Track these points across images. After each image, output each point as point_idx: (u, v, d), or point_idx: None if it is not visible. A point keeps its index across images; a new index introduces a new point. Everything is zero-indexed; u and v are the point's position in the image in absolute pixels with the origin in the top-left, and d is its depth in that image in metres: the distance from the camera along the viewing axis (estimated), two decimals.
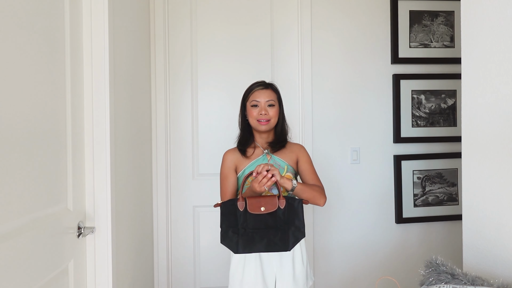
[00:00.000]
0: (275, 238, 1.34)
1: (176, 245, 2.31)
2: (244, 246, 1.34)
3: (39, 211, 1.07)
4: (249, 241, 1.34)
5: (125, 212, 1.69)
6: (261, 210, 1.35)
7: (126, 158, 1.70)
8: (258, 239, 1.34)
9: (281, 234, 1.35)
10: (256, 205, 1.35)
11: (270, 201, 1.36)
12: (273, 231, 1.35)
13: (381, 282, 2.38)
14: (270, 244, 1.34)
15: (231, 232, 1.35)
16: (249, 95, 1.55)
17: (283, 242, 1.35)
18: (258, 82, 1.58)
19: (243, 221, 1.35)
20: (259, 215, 1.35)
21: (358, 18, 2.39)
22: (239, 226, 1.35)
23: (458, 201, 2.46)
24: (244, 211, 1.35)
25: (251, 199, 1.37)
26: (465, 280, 1.20)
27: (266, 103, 1.52)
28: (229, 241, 1.35)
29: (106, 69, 1.40)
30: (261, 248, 1.34)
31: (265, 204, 1.35)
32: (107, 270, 1.41)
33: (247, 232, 1.34)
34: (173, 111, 2.29)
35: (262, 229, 1.35)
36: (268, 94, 1.53)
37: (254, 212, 1.35)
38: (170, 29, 2.28)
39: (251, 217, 1.35)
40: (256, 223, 1.35)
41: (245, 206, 1.36)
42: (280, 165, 1.54)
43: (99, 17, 1.39)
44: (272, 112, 1.53)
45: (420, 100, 2.42)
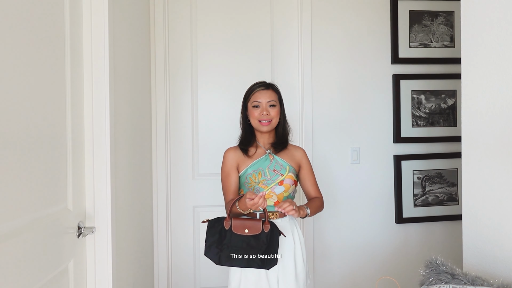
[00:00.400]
0: (256, 258, 1.39)
1: (176, 245, 2.31)
2: (225, 260, 1.41)
3: (39, 211, 1.07)
4: (230, 257, 1.41)
5: (125, 212, 1.69)
6: (245, 232, 1.42)
7: (126, 158, 1.70)
8: (239, 257, 1.40)
9: (262, 256, 1.40)
10: (240, 227, 1.42)
11: (254, 225, 1.42)
12: (254, 252, 1.40)
13: (381, 282, 2.38)
14: (250, 262, 1.40)
15: (215, 247, 1.42)
16: (250, 96, 1.56)
17: (262, 263, 1.40)
18: (259, 83, 1.59)
19: (228, 239, 1.42)
20: (242, 236, 1.41)
21: (358, 18, 2.39)
22: (223, 243, 1.42)
23: (458, 201, 2.46)
24: (230, 230, 1.42)
25: (237, 221, 1.44)
26: (465, 280, 1.20)
27: (267, 103, 1.53)
28: (212, 255, 1.43)
29: (106, 69, 1.40)
30: (241, 265, 1.41)
31: (249, 227, 1.42)
32: (107, 270, 1.41)
33: (229, 249, 1.41)
34: (173, 111, 2.29)
35: (244, 248, 1.40)
36: (269, 95, 1.54)
37: (238, 232, 1.42)
38: (170, 29, 2.28)
39: (234, 237, 1.42)
40: (239, 243, 1.41)
41: (231, 226, 1.43)
42: (283, 166, 1.56)
43: (99, 17, 1.39)
44: (273, 112, 1.54)
45: (420, 100, 2.42)
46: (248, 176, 1.54)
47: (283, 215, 1.52)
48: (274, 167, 1.55)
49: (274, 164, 1.56)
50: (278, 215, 1.52)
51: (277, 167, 1.55)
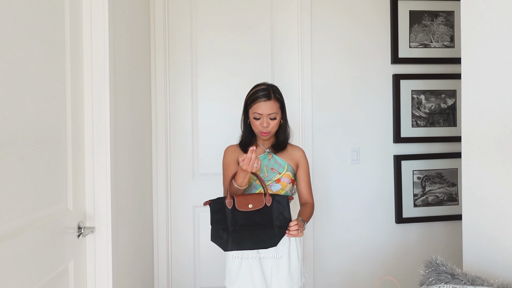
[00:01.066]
0: (263, 235, 1.40)
1: (176, 245, 2.31)
2: (233, 243, 1.39)
3: (39, 211, 1.07)
4: (238, 238, 1.39)
5: (125, 212, 1.69)
6: (249, 207, 1.40)
7: (126, 158, 1.70)
8: (247, 236, 1.40)
9: (269, 231, 1.41)
10: (243, 203, 1.40)
11: (257, 198, 1.42)
12: (261, 228, 1.41)
13: (381, 282, 2.38)
14: (259, 240, 1.40)
15: (221, 230, 1.40)
16: (252, 105, 1.54)
17: (270, 239, 1.41)
18: (261, 89, 1.55)
19: (232, 218, 1.40)
20: (247, 212, 1.40)
21: (358, 18, 2.39)
22: (228, 224, 1.40)
23: (458, 201, 2.46)
24: (233, 208, 1.40)
25: (239, 197, 1.42)
26: (465, 280, 1.20)
27: (268, 116, 1.53)
28: (219, 239, 1.40)
29: (106, 69, 1.40)
30: (250, 245, 1.40)
31: (252, 201, 1.41)
32: (107, 270, 1.41)
33: (236, 230, 1.39)
34: (173, 111, 2.29)
35: (250, 226, 1.40)
36: (271, 106, 1.52)
37: (242, 209, 1.40)
38: (170, 29, 2.28)
39: (239, 214, 1.40)
40: (245, 220, 1.40)
41: (233, 204, 1.41)
42: (281, 164, 1.59)
43: (99, 17, 1.39)
44: (272, 123, 1.55)
45: (420, 100, 2.42)
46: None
47: None
48: (272, 165, 1.58)
49: (272, 163, 1.59)
50: None
51: (275, 166, 1.58)
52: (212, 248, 2.32)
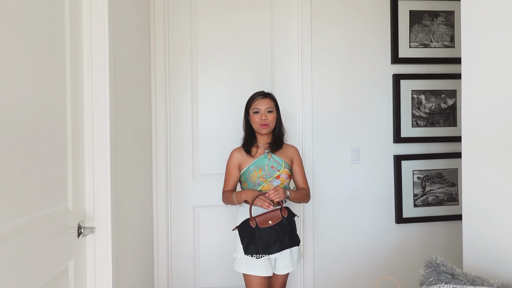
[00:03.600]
0: (285, 239, 1.70)
1: (176, 245, 2.31)
2: (263, 251, 1.68)
3: (39, 211, 1.07)
4: (265, 247, 1.68)
5: (125, 212, 1.69)
6: (269, 223, 1.68)
7: (126, 158, 1.70)
8: (272, 243, 1.68)
9: (289, 236, 1.71)
10: (264, 221, 1.68)
11: (274, 215, 1.69)
12: (282, 235, 1.69)
13: (381, 282, 2.38)
14: (282, 245, 1.69)
15: (252, 245, 1.68)
16: (252, 104, 1.83)
17: (292, 241, 1.72)
18: (258, 92, 1.85)
19: (258, 234, 1.68)
20: (269, 227, 1.68)
21: (358, 18, 2.39)
22: (256, 238, 1.68)
23: (458, 201, 2.46)
24: (256, 227, 1.68)
25: (259, 217, 1.69)
26: (465, 280, 1.20)
27: (265, 110, 1.79)
28: (251, 251, 1.69)
29: (106, 69, 1.40)
30: (276, 250, 1.69)
31: (271, 219, 1.69)
32: (107, 270, 1.41)
33: (262, 242, 1.67)
34: (173, 111, 2.29)
35: (273, 236, 1.68)
36: (267, 102, 1.80)
37: (263, 226, 1.68)
38: (170, 29, 2.28)
39: (262, 230, 1.68)
40: (268, 233, 1.68)
41: (256, 223, 1.68)
42: (279, 163, 1.81)
43: (99, 17, 1.39)
44: (270, 117, 1.80)
45: (420, 100, 2.42)
46: (250, 172, 1.79)
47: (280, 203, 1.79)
48: (272, 164, 1.80)
49: (272, 162, 1.81)
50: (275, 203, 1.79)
51: (275, 164, 1.80)
52: (212, 248, 2.32)
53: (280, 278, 1.83)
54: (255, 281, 1.73)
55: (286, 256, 1.77)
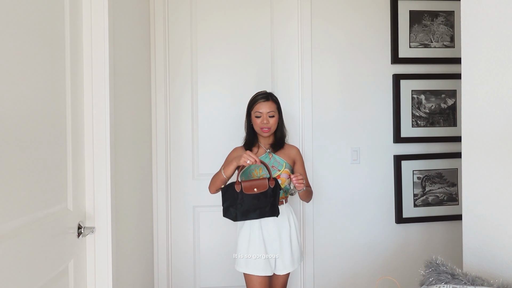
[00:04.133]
0: (266, 208, 1.67)
1: (176, 245, 2.31)
2: (241, 216, 1.67)
3: (39, 211, 1.07)
4: (245, 213, 1.67)
5: (125, 212, 1.69)
6: (254, 191, 1.66)
7: (126, 158, 1.70)
8: (252, 210, 1.67)
9: (271, 206, 1.68)
10: (249, 188, 1.67)
11: (261, 183, 1.67)
12: (264, 204, 1.67)
13: (381, 282, 2.38)
14: (262, 213, 1.67)
15: (232, 209, 1.68)
16: (254, 106, 1.81)
17: (273, 211, 1.68)
18: (260, 94, 1.83)
19: (240, 199, 1.67)
20: (252, 194, 1.66)
21: (358, 18, 2.39)
22: (237, 203, 1.67)
23: (458, 201, 2.46)
24: (241, 192, 1.67)
25: (246, 183, 1.67)
26: (465, 280, 1.20)
27: (267, 114, 1.78)
28: (229, 214, 1.69)
29: (106, 69, 1.40)
30: (254, 217, 1.67)
31: (257, 186, 1.67)
32: (107, 270, 1.41)
33: (243, 207, 1.67)
34: (173, 111, 2.29)
35: (255, 203, 1.66)
36: (269, 106, 1.79)
37: (248, 192, 1.66)
38: (170, 29, 2.28)
39: (246, 196, 1.67)
40: (250, 200, 1.67)
41: (241, 188, 1.67)
42: (280, 162, 1.80)
43: (99, 17, 1.39)
44: (272, 121, 1.80)
45: (420, 100, 2.42)
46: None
47: (280, 203, 1.79)
48: (272, 163, 1.79)
49: (272, 161, 1.80)
50: None
51: (275, 164, 1.80)
52: (212, 248, 2.32)
53: (281, 278, 1.82)
54: (255, 281, 1.73)
55: (287, 256, 1.76)
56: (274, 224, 1.76)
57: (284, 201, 1.81)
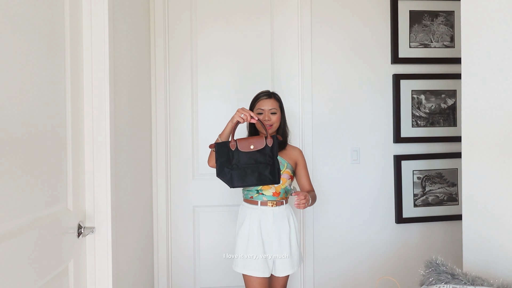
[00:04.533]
0: (265, 172, 1.55)
1: (176, 245, 2.31)
2: (238, 179, 1.55)
3: (39, 211, 1.07)
4: (241, 174, 1.54)
5: (125, 212, 1.69)
6: (251, 148, 1.57)
7: (126, 158, 1.70)
8: (250, 172, 1.54)
9: (270, 169, 1.57)
10: (246, 145, 1.57)
11: (258, 140, 1.58)
12: (263, 166, 1.56)
13: (381, 282, 2.38)
14: (261, 177, 1.55)
15: (226, 168, 1.55)
16: (256, 104, 1.79)
17: (273, 176, 1.56)
18: (263, 92, 1.82)
19: (236, 158, 1.56)
20: (249, 153, 1.56)
21: (358, 18, 2.39)
22: (233, 163, 1.56)
23: (458, 201, 2.46)
24: (236, 150, 1.56)
25: (242, 140, 1.57)
26: (465, 280, 1.20)
27: (269, 111, 1.76)
28: (224, 175, 1.55)
29: (106, 69, 1.40)
30: (253, 181, 1.55)
31: (254, 143, 1.58)
32: (107, 270, 1.41)
33: (239, 167, 1.55)
34: (173, 111, 2.29)
35: (252, 164, 1.55)
36: (271, 103, 1.77)
37: (244, 150, 1.56)
38: (170, 28, 2.28)
39: (242, 155, 1.56)
40: (247, 159, 1.55)
41: (236, 146, 1.57)
42: (281, 162, 1.78)
43: (99, 17, 1.39)
44: (274, 118, 1.77)
45: (420, 100, 2.42)
46: None
47: (280, 203, 1.75)
48: None
49: None
50: (276, 203, 1.74)
51: None
52: (212, 248, 2.32)
53: (280, 280, 1.79)
54: (254, 282, 1.70)
55: (286, 258, 1.73)
56: (273, 224, 1.72)
57: (284, 201, 1.77)
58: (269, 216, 1.73)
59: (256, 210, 1.73)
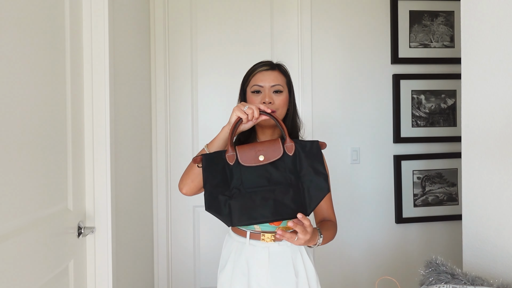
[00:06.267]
0: (285, 198, 0.93)
1: (176, 245, 2.31)
2: (241, 213, 0.92)
3: (39, 211, 1.07)
4: (247, 204, 0.93)
5: (125, 212, 1.69)
6: (260, 160, 0.96)
7: (126, 158, 1.70)
8: (260, 200, 0.93)
9: (294, 192, 0.94)
10: (251, 154, 0.97)
11: (270, 146, 0.97)
12: (282, 188, 0.94)
13: (381, 282, 2.38)
14: (279, 207, 0.92)
15: (221, 196, 0.94)
16: (250, 78, 1.20)
17: (297, 203, 0.94)
18: (262, 62, 1.23)
19: (237, 178, 0.96)
20: (258, 168, 0.96)
21: (358, 18, 2.39)
22: (232, 186, 0.95)
23: (458, 201, 2.46)
24: (236, 164, 0.97)
25: (245, 148, 0.98)
26: (465, 280, 1.20)
27: (271, 88, 1.15)
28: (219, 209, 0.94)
29: (106, 69, 1.40)
30: (266, 214, 0.92)
31: (264, 151, 0.96)
32: (107, 270, 1.41)
33: (242, 193, 0.94)
34: (173, 111, 2.29)
35: (264, 187, 0.95)
36: (275, 77, 1.17)
37: (249, 164, 0.96)
38: (170, 28, 2.28)
39: (246, 172, 0.96)
40: (255, 179, 0.95)
41: (236, 157, 0.97)
42: None
43: (99, 17, 1.39)
44: (278, 100, 1.15)
45: (420, 100, 2.42)
46: None
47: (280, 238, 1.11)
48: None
49: None
50: (274, 237, 1.12)
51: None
52: (212, 248, 2.32)
53: None
54: None
55: None
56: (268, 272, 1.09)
57: None
58: (263, 258, 1.11)
59: (244, 246, 1.13)
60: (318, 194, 0.96)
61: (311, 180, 0.96)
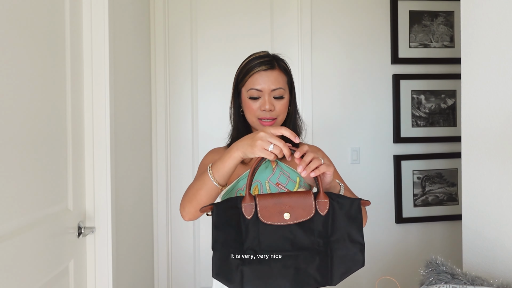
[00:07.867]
0: (310, 267, 0.79)
1: (176, 245, 2.31)
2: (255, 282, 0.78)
3: (39, 211, 1.07)
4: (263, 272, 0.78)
5: (125, 212, 1.69)
6: (285, 219, 0.79)
7: (126, 158, 1.70)
8: (279, 269, 0.78)
9: (320, 260, 0.80)
10: (274, 210, 0.79)
11: (300, 201, 0.80)
12: (307, 255, 0.79)
13: (381, 282, 2.38)
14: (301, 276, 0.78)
15: (233, 258, 0.78)
16: (247, 78, 1.10)
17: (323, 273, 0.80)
18: (259, 56, 1.09)
19: (253, 236, 0.79)
20: (281, 227, 0.79)
21: (357, 18, 2.39)
22: (246, 247, 0.79)
23: (458, 201, 2.46)
24: (254, 220, 0.79)
25: (266, 199, 0.80)
26: (465, 280, 1.20)
27: (271, 93, 1.04)
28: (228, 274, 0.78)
29: (106, 69, 1.40)
30: (285, 285, 0.78)
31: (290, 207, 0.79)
32: (107, 270, 1.41)
33: (259, 259, 0.78)
34: (173, 111, 2.29)
35: (286, 252, 0.79)
36: (275, 79, 1.05)
37: (270, 222, 0.79)
38: (170, 28, 2.28)
39: (266, 231, 0.79)
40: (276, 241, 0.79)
41: (255, 211, 0.80)
42: (290, 177, 1.08)
43: (99, 17, 1.39)
44: (279, 105, 1.06)
45: (420, 100, 2.42)
46: (240, 192, 1.05)
47: None
48: (277, 179, 1.07)
49: (277, 175, 1.07)
50: None
51: (282, 180, 1.07)
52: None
53: None
54: None
55: None
56: None
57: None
58: None
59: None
60: (350, 266, 0.84)
61: (343, 248, 0.82)
